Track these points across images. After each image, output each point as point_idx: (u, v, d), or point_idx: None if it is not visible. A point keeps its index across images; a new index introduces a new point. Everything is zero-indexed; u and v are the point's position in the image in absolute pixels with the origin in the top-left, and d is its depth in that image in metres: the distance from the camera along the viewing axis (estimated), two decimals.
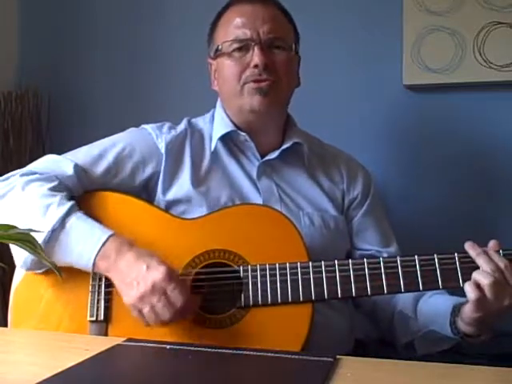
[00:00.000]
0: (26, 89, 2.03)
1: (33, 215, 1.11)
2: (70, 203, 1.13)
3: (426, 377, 0.85)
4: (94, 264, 1.07)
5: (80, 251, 1.08)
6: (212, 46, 1.33)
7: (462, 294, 1.08)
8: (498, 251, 1.07)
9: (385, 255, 1.30)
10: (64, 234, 1.09)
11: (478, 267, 1.06)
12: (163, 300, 1.01)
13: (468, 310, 1.06)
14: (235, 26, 1.27)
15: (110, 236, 1.08)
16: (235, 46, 1.27)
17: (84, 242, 1.08)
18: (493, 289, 1.02)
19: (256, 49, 1.24)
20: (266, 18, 1.27)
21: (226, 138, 1.31)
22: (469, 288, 1.04)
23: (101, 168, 1.24)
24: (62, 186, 1.18)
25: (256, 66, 1.24)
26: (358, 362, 0.93)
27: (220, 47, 1.28)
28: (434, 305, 1.20)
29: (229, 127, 1.30)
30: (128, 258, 1.06)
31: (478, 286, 1.03)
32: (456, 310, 1.14)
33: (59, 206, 1.11)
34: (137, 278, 1.03)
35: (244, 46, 1.26)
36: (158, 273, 1.02)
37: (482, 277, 1.03)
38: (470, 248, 1.08)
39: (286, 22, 1.33)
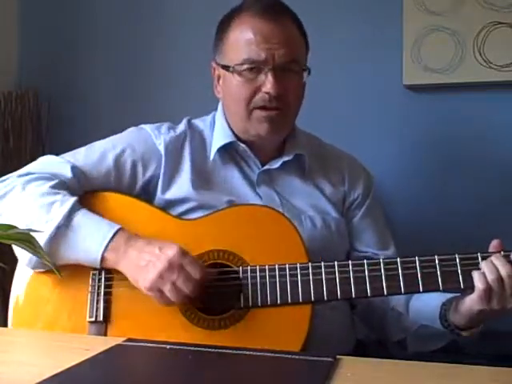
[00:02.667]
0: (25, 89, 2.03)
1: (36, 213, 1.11)
2: (73, 199, 1.13)
3: (426, 377, 0.85)
4: (102, 258, 1.08)
5: (88, 246, 1.08)
6: (219, 54, 1.28)
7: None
8: (499, 252, 1.07)
9: (383, 258, 1.29)
10: (71, 230, 1.09)
11: (479, 268, 1.06)
12: (182, 275, 1.02)
13: (471, 301, 1.05)
14: (248, 44, 1.21)
15: (118, 230, 1.09)
16: (247, 66, 1.22)
17: (91, 237, 1.09)
18: (499, 284, 1.03)
19: (270, 75, 1.20)
20: (282, 40, 1.21)
21: (226, 146, 1.30)
22: (477, 276, 1.04)
23: (101, 172, 1.23)
24: (62, 185, 1.18)
25: (267, 93, 1.21)
26: (358, 361, 0.93)
27: (231, 68, 1.23)
28: (425, 300, 1.20)
29: (229, 138, 1.29)
30: (138, 245, 1.07)
31: (485, 276, 1.03)
32: (447, 303, 1.14)
33: (63, 203, 1.12)
34: (151, 260, 1.04)
35: (256, 68, 1.21)
36: (171, 250, 1.04)
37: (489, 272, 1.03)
38: (492, 247, 1.08)
39: (301, 39, 1.28)
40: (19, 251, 1.12)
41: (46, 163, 1.23)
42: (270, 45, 1.21)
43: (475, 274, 1.04)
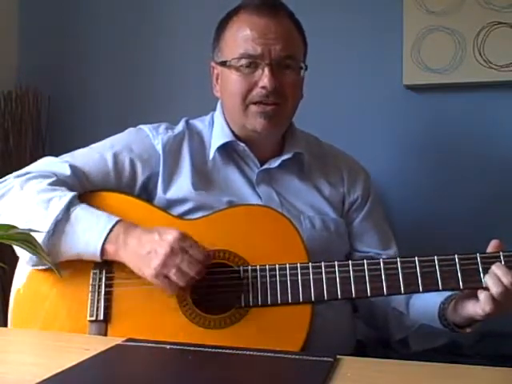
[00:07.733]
0: (25, 89, 2.03)
1: (35, 210, 1.11)
2: (71, 194, 1.13)
3: (426, 377, 0.85)
4: (102, 249, 1.08)
5: (87, 239, 1.09)
6: (217, 52, 1.30)
7: None
8: (498, 252, 1.07)
9: (384, 257, 1.29)
10: (69, 224, 1.09)
11: (478, 269, 1.06)
12: (186, 258, 1.04)
13: (479, 316, 1.05)
14: (245, 39, 1.22)
15: (117, 222, 1.09)
16: (244, 61, 1.22)
17: (90, 229, 1.09)
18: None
19: (266, 70, 1.20)
20: (279, 35, 1.22)
21: (225, 146, 1.30)
22: (484, 298, 1.03)
23: (100, 171, 1.23)
24: (60, 182, 1.18)
25: (264, 88, 1.21)
26: (358, 361, 0.93)
27: (228, 63, 1.24)
28: (424, 299, 1.20)
29: (228, 137, 1.29)
30: (137, 233, 1.08)
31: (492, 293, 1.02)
32: (445, 302, 1.14)
33: (61, 198, 1.12)
34: (152, 247, 1.05)
35: (253, 63, 1.22)
36: (171, 235, 1.05)
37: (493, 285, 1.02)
38: (492, 248, 1.08)
39: (298, 36, 1.28)
40: (20, 249, 1.12)
41: (45, 164, 1.24)
42: (266, 40, 1.22)
43: (482, 295, 1.03)
